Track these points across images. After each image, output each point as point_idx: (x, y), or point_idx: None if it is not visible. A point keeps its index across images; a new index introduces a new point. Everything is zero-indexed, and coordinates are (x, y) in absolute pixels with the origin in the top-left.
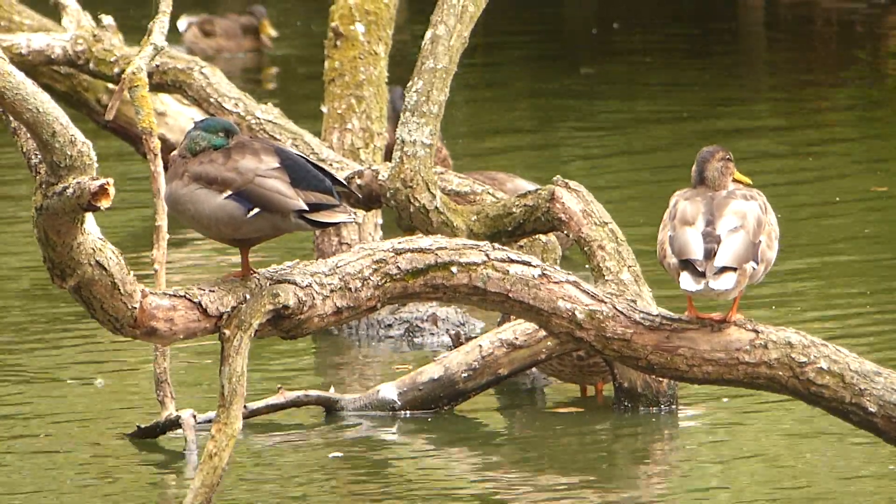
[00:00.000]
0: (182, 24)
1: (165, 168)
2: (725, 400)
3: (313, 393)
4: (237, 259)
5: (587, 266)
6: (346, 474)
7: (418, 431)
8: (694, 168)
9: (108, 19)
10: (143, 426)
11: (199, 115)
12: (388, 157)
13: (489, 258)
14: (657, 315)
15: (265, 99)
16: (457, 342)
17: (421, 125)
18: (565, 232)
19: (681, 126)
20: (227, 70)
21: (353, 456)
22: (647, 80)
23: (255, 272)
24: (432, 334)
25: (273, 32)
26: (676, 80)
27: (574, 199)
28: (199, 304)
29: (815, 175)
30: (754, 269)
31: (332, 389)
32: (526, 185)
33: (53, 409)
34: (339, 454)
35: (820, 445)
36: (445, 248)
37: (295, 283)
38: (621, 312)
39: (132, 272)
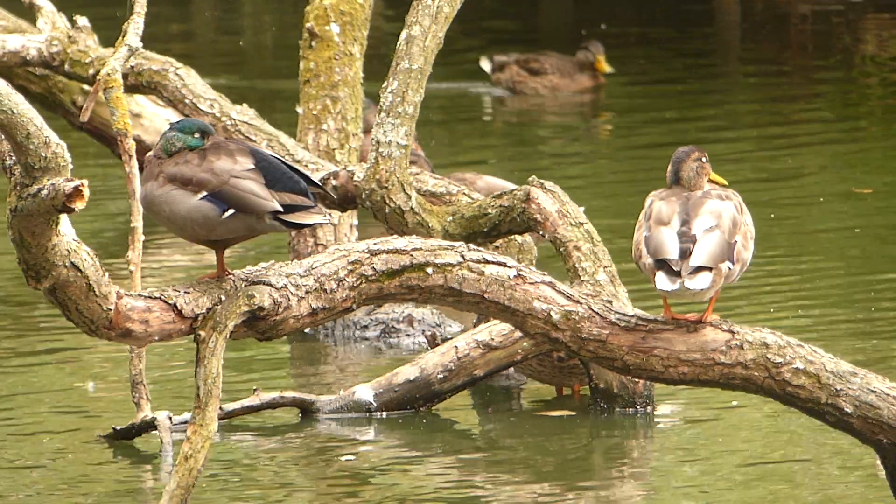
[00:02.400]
0: (486, 64)
1: (141, 169)
2: (735, 403)
3: (289, 394)
4: (212, 260)
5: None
6: (322, 476)
7: (394, 433)
8: (669, 168)
9: (83, 20)
10: (118, 428)
11: (174, 117)
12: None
13: (464, 259)
14: (633, 316)
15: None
16: (433, 343)
17: (396, 126)
18: (541, 232)
19: (658, 127)
20: (561, 110)
21: (329, 457)
22: (626, 81)
23: (230, 273)
24: (408, 335)
25: (609, 68)
26: (654, 81)
27: (549, 200)
28: (175, 305)
29: (794, 176)
30: (730, 268)
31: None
32: (495, 181)
33: (32, 410)
34: (352, 457)
35: (798, 445)
36: (421, 249)
37: (270, 285)
38: (597, 313)
39: (107, 274)
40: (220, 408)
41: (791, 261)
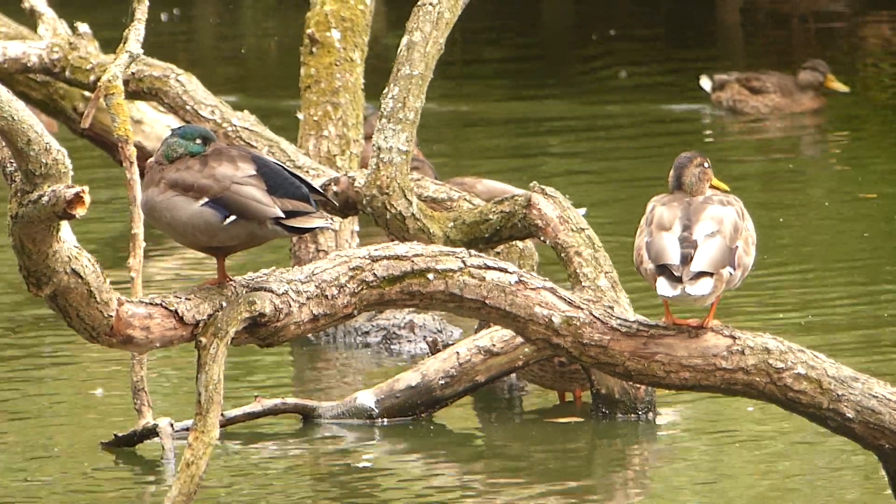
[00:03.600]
0: (706, 83)
1: (142, 175)
2: (751, 409)
3: (290, 401)
4: (214, 267)
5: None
6: (323, 482)
7: (395, 439)
8: (671, 173)
9: (83, 27)
10: (120, 434)
11: (175, 123)
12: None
13: (466, 265)
14: (634, 321)
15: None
16: (434, 349)
17: (397, 132)
18: (542, 238)
19: (660, 134)
20: (787, 132)
21: (330, 464)
22: (626, 85)
23: (231, 280)
24: (410, 341)
25: (844, 88)
26: (654, 85)
27: (550, 205)
28: (176, 312)
29: (797, 180)
30: (731, 274)
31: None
32: (495, 185)
33: (33, 416)
34: (369, 464)
35: (799, 450)
36: (422, 254)
37: (271, 291)
38: (598, 319)
39: (108, 280)
40: (222, 414)
41: (795, 265)
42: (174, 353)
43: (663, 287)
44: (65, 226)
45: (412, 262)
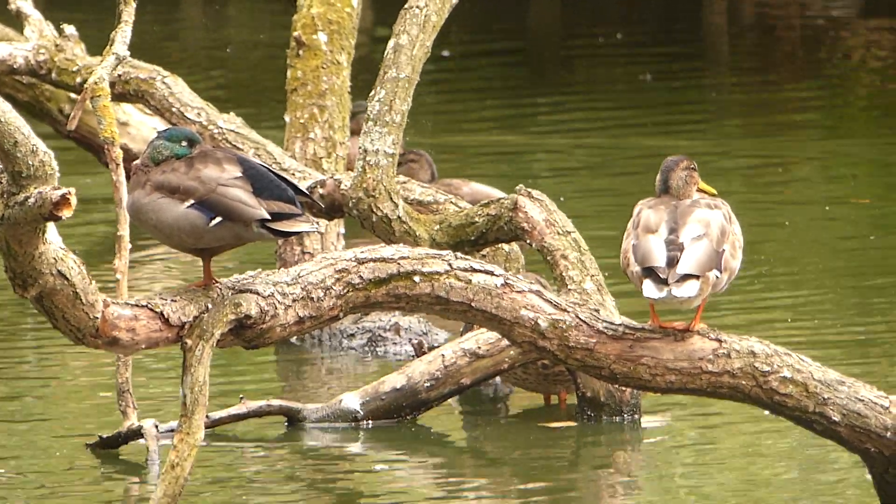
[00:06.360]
0: None
1: (128, 178)
2: (766, 414)
3: (276, 402)
4: (199, 269)
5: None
6: (308, 484)
7: (380, 441)
8: (658, 177)
9: (70, 29)
10: (105, 436)
11: (161, 125)
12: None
13: (452, 267)
14: (620, 324)
15: None
16: (419, 351)
17: (383, 134)
18: (528, 241)
19: (647, 137)
20: None
21: (315, 466)
22: (615, 91)
23: (217, 282)
24: (395, 344)
25: None
26: (641, 90)
27: (537, 209)
28: (161, 313)
29: (787, 184)
30: (717, 277)
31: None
32: (481, 188)
33: (16, 419)
34: (354, 466)
35: (785, 452)
36: (408, 257)
37: (257, 293)
38: (584, 322)
39: (94, 282)
40: (207, 416)
41: (786, 271)
42: (159, 354)
43: (649, 289)
44: (51, 227)
45: (398, 264)
